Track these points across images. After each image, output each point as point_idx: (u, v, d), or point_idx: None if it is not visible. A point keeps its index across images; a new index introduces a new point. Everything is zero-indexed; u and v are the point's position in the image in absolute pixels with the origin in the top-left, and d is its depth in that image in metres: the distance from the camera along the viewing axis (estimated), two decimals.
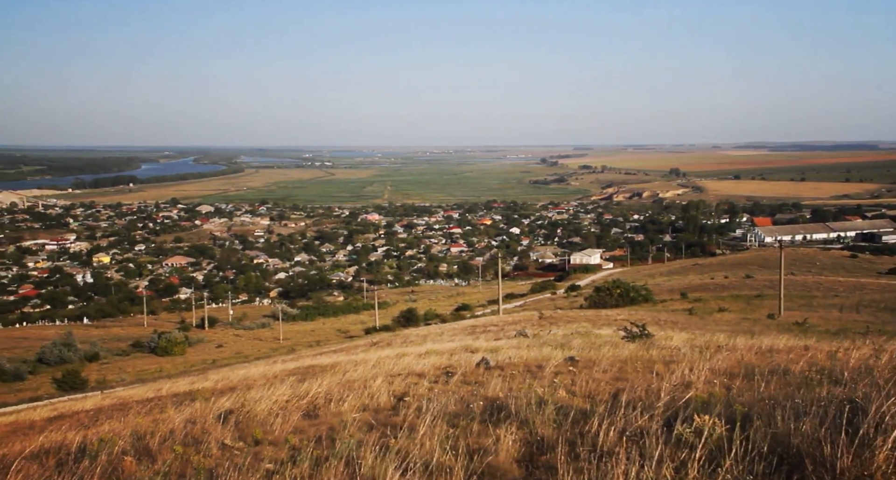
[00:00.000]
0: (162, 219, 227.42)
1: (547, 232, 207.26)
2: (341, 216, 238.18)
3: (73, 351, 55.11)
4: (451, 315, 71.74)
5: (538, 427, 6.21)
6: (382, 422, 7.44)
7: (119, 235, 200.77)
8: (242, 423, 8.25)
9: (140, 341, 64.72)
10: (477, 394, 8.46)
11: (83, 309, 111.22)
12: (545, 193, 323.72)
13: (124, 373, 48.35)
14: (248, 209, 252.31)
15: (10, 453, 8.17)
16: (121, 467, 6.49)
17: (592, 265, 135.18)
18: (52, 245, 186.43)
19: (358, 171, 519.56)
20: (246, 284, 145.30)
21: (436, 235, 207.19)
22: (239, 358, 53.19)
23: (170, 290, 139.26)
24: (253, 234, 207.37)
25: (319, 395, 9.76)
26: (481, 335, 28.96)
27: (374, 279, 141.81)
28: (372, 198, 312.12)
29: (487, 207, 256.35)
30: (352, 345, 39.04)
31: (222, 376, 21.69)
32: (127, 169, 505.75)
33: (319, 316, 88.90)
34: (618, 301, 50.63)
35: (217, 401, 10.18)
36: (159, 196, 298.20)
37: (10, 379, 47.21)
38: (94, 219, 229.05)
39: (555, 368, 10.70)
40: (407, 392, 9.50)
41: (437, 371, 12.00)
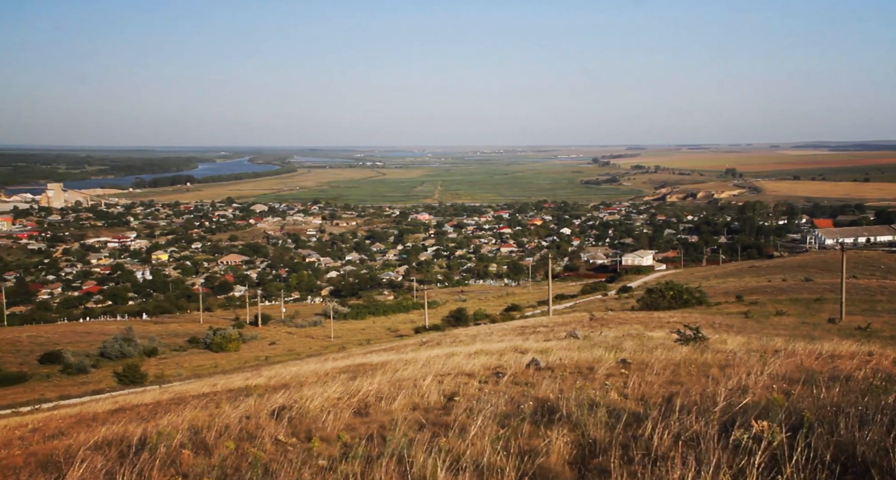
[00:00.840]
0: (218, 218, 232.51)
1: (598, 232, 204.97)
2: (392, 216, 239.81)
3: (132, 346, 56.70)
4: (500, 315, 71.51)
5: (590, 429, 6.14)
6: (433, 421, 7.46)
7: (177, 233, 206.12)
8: (295, 419, 8.37)
9: (196, 337, 66.21)
10: (527, 395, 8.41)
11: (143, 306, 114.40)
12: (597, 193, 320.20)
13: (181, 368, 49.54)
14: (300, 208, 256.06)
15: (76, 443, 8.45)
16: (179, 460, 6.66)
17: (644, 266, 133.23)
18: (113, 242, 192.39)
19: (408, 171, 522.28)
20: (298, 282, 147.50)
21: (486, 235, 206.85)
22: (291, 356, 54.02)
23: (225, 288, 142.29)
24: (305, 233, 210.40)
25: (370, 393, 9.83)
26: (531, 336, 28.78)
27: (423, 278, 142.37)
28: (422, 197, 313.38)
29: (538, 207, 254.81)
30: (401, 344, 39.26)
31: (275, 373, 22.03)
32: (185, 169, 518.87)
33: (370, 315, 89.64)
34: (670, 303, 49.72)
35: (270, 398, 10.35)
36: (215, 195, 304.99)
37: (74, 372, 48.85)
38: (153, 217, 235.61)
39: (606, 370, 10.57)
40: (457, 391, 9.50)
41: (487, 371, 11.97)
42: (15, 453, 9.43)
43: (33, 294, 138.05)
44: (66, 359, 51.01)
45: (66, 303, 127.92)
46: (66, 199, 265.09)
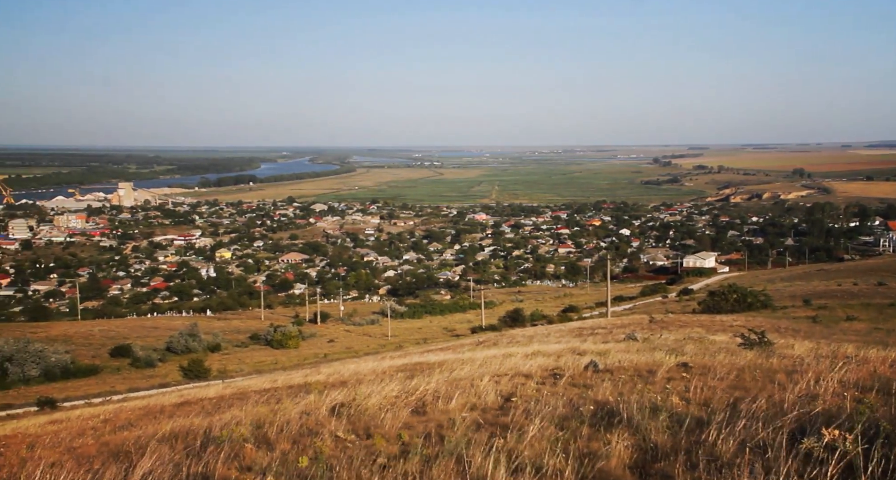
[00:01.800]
0: (279, 217, 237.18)
1: (658, 233, 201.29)
2: (449, 215, 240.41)
3: (197, 342, 58.23)
4: (557, 316, 70.86)
5: (651, 433, 6.02)
6: (490, 422, 7.44)
7: (239, 232, 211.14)
8: (354, 417, 8.47)
9: (257, 334, 67.57)
10: (586, 398, 8.31)
11: (207, 302, 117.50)
12: (657, 194, 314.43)
13: (243, 364, 50.64)
14: (359, 208, 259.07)
15: (145, 435, 8.74)
16: (242, 453, 6.81)
17: (706, 268, 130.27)
18: (179, 240, 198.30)
19: (466, 171, 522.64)
20: (356, 281, 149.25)
21: (543, 235, 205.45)
22: (349, 353, 54.64)
23: (285, 285, 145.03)
24: (364, 232, 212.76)
25: (427, 392, 9.87)
26: (589, 337, 28.44)
27: (480, 278, 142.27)
28: (479, 197, 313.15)
29: (597, 208, 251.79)
30: (458, 344, 39.30)
31: (334, 370, 22.33)
32: (248, 168, 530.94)
33: (426, 314, 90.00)
34: (734, 306, 48.43)
35: (329, 395, 10.49)
36: (277, 194, 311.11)
37: (142, 366, 50.47)
38: (217, 216, 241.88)
39: (667, 374, 10.36)
40: (514, 392, 9.46)
41: (545, 372, 11.88)
42: (89, 442, 9.82)
43: (105, 289, 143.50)
44: (134, 353, 52.68)
45: (135, 299, 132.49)
46: (136, 198, 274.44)
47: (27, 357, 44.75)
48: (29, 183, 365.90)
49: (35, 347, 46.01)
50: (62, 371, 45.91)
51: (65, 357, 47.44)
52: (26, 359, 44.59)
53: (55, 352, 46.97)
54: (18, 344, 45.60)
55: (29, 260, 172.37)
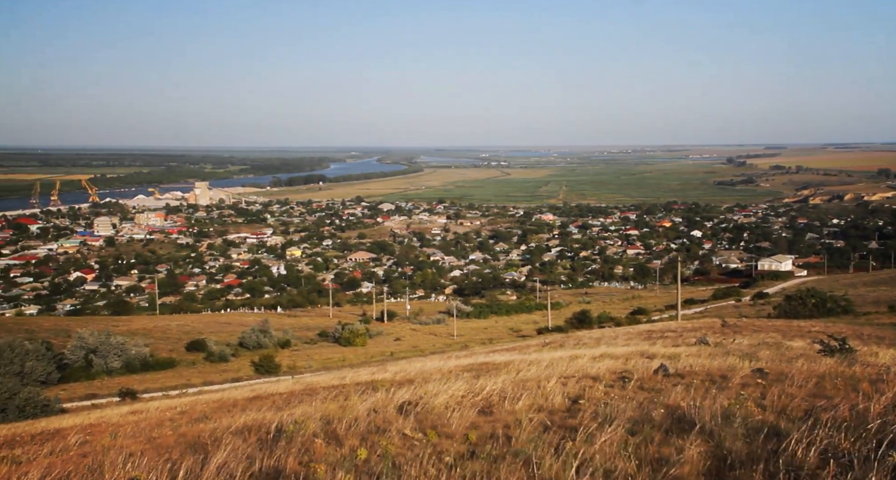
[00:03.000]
0: (347, 216, 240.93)
1: (732, 235, 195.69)
2: (516, 215, 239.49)
3: (268, 338, 59.70)
4: (625, 318, 69.76)
5: (726, 440, 5.85)
6: (558, 424, 7.37)
7: (309, 231, 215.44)
8: (421, 415, 8.51)
9: (326, 331, 68.80)
10: (656, 402, 8.14)
11: (277, 299, 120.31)
12: (731, 195, 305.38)
13: (312, 360, 51.60)
14: (426, 207, 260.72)
15: (219, 427, 9.01)
16: (312, 449, 6.94)
17: (783, 272, 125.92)
18: (252, 238, 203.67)
19: (533, 171, 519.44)
20: (423, 280, 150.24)
21: (611, 236, 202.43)
22: (415, 352, 55.03)
23: (353, 284, 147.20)
24: (430, 232, 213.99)
25: (494, 393, 9.85)
26: (658, 340, 27.85)
27: (547, 279, 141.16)
28: (546, 197, 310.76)
29: (667, 209, 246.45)
30: (524, 344, 39.10)
31: (400, 368, 22.51)
32: (318, 168, 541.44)
33: (492, 315, 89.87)
34: (812, 311, 46.66)
35: (396, 393, 10.58)
36: (345, 194, 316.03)
37: (216, 360, 52.08)
38: (287, 215, 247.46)
39: (741, 379, 10.06)
40: (581, 394, 9.35)
41: (613, 375, 11.70)
42: (167, 433, 10.19)
43: (181, 285, 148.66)
44: (209, 348, 54.39)
45: (210, 295, 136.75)
46: (211, 197, 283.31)
47: (110, 349, 46.78)
48: (113, 182, 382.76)
49: (117, 340, 48.03)
50: (141, 363, 47.79)
51: (144, 350, 49.37)
52: (109, 351, 46.61)
53: (135, 345, 48.94)
54: (102, 336, 47.70)
55: (112, 256, 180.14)
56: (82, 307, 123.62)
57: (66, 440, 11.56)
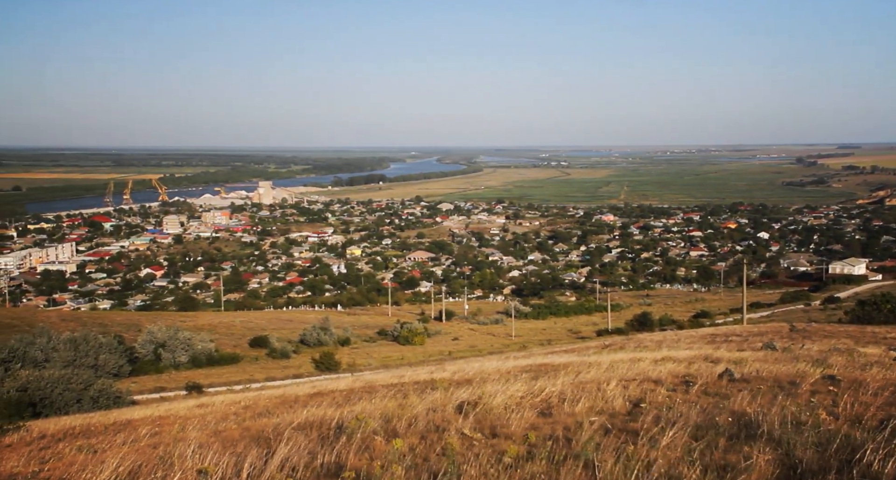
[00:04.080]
0: (406, 216, 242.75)
1: (801, 238, 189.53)
2: (575, 216, 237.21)
3: (328, 335, 60.62)
4: (688, 321, 68.35)
5: (796, 448, 5.67)
6: (619, 427, 7.27)
7: (369, 230, 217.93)
8: (480, 415, 8.52)
9: (385, 329, 69.45)
10: (721, 407, 7.95)
11: (337, 297, 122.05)
12: (800, 196, 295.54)
13: (371, 358, 52.17)
14: (485, 207, 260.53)
15: (282, 422, 9.20)
16: (372, 446, 7.02)
17: (856, 276, 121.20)
18: (313, 237, 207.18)
19: (594, 171, 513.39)
20: (481, 280, 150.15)
21: (674, 238, 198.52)
22: (473, 352, 55.04)
23: (411, 283, 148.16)
24: (489, 232, 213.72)
25: (553, 394, 9.78)
26: (722, 344, 27.15)
27: (607, 280, 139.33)
28: (607, 198, 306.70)
29: (732, 210, 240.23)
30: (583, 346, 38.67)
31: (458, 368, 22.54)
32: (378, 168, 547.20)
33: (551, 315, 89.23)
34: (888, 317, 44.67)
35: (455, 392, 10.61)
36: (405, 193, 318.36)
37: (278, 356, 53.17)
38: (348, 214, 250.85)
39: (811, 386, 9.73)
40: (643, 398, 9.20)
41: (675, 379, 11.48)
42: (232, 426, 10.46)
43: (245, 283, 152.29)
44: (271, 344, 55.56)
45: (272, 293, 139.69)
46: (274, 196, 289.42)
47: (177, 344, 48.26)
48: (181, 181, 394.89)
49: (184, 335, 49.51)
50: (207, 358, 49.15)
51: (210, 345, 50.76)
52: (177, 346, 48.09)
53: (201, 341, 50.34)
54: (170, 331, 49.26)
55: (180, 253, 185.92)
56: (152, 302, 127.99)
57: (137, 431, 11.99)
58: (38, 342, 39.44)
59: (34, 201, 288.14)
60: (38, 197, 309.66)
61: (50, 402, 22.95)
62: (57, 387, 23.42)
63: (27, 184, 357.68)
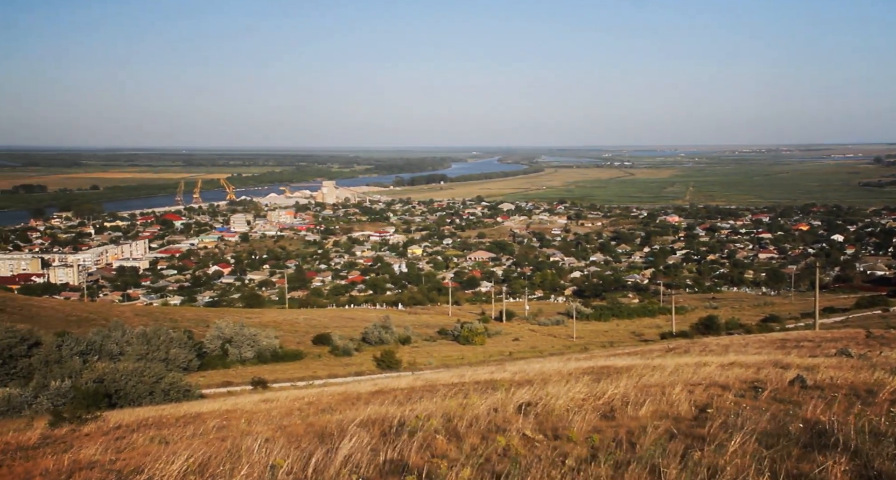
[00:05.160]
0: (467, 216, 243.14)
1: (878, 240, 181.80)
2: (639, 217, 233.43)
3: (389, 334, 61.17)
4: (756, 325, 66.42)
5: (875, 460, 5.45)
6: (684, 432, 7.13)
7: (430, 229, 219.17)
8: (541, 416, 8.47)
9: (445, 329, 69.66)
10: (793, 415, 7.70)
11: (398, 296, 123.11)
12: (878, 197, 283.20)
13: (431, 357, 52.39)
14: (546, 207, 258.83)
15: (345, 419, 9.34)
16: (433, 444, 7.06)
17: None
18: (375, 236, 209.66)
19: (658, 171, 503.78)
20: (542, 281, 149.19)
21: (742, 240, 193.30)
22: (533, 353, 54.72)
23: (472, 283, 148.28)
24: (550, 232, 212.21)
25: (616, 397, 9.65)
26: (793, 350, 26.27)
27: (671, 282, 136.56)
28: (672, 199, 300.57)
29: (804, 211, 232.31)
30: (646, 349, 38.01)
31: (519, 368, 22.45)
32: (439, 168, 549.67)
33: (613, 317, 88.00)
34: None
35: (516, 393, 10.56)
36: (466, 193, 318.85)
37: (340, 354, 53.93)
38: (409, 213, 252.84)
39: (891, 395, 9.32)
40: (709, 403, 8.99)
41: (743, 384, 11.17)
42: (296, 422, 10.67)
43: (308, 281, 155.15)
44: (334, 342, 56.39)
45: (335, 291, 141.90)
46: (338, 196, 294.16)
47: (243, 340, 49.48)
48: (248, 181, 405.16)
49: (250, 331, 50.72)
50: (272, 354, 50.23)
51: (274, 342, 51.86)
52: (243, 342, 49.32)
53: (266, 337, 51.47)
54: (236, 327, 50.54)
55: (246, 251, 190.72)
56: (219, 299, 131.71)
57: (205, 424, 12.36)
58: (113, 335, 41.09)
59: (110, 200, 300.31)
60: (114, 196, 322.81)
61: (124, 394, 23.86)
62: (131, 380, 24.32)
63: (104, 183, 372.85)
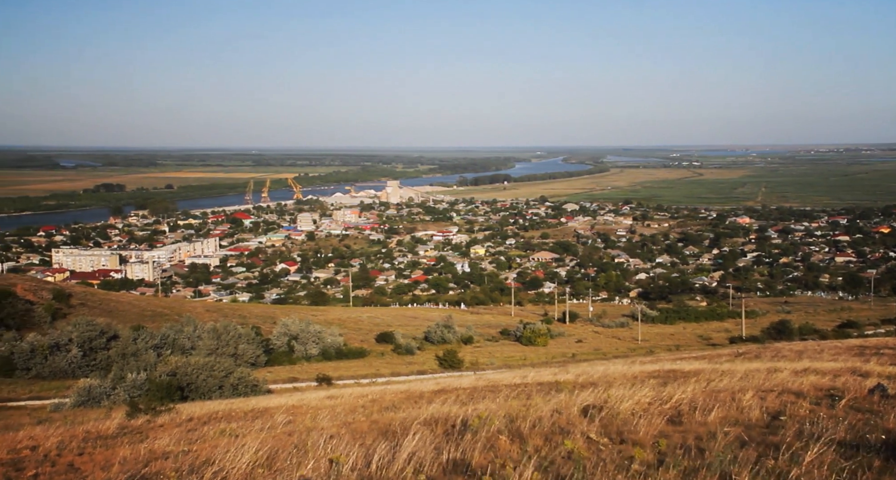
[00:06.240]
0: (531, 216, 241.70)
1: None
2: (707, 218, 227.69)
3: (452, 333, 61.36)
4: (832, 331, 64.01)
5: None
6: (756, 440, 6.92)
7: (493, 229, 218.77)
8: (606, 419, 8.35)
9: (507, 329, 69.44)
10: (873, 425, 7.39)
11: (461, 296, 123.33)
12: None
13: (493, 358, 52.34)
14: (611, 208, 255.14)
15: (408, 417, 9.41)
16: (496, 445, 7.04)
17: None
18: (438, 236, 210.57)
19: (728, 172, 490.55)
20: (606, 282, 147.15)
21: (817, 242, 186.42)
22: (597, 355, 54.06)
23: (535, 283, 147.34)
24: (615, 233, 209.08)
25: (683, 401, 9.45)
26: (872, 357, 25.17)
27: (741, 286, 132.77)
28: (743, 200, 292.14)
29: (886, 213, 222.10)
30: (714, 353, 37.07)
31: (582, 370, 22.20)
32: (503, 168, 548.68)
33: (680, 320, 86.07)
34: None
35: (580, 395, 10.45)
36: (529, 193, 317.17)
37: (403, 353, 54.40)
38: (472, 213, 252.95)
39: None
40: (782, 410, 8.71)
41: (819, 392, 10.77)
42: (360, 419, 10.82)
43: (372, 279, 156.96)
44: (397, 340, 56.93)
45: (398, 290, 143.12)
46: (401, 195, 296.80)
47: (309, 337, 50.45)
48: (314, 180, 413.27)
49: (315, 329, 51.67)
50: (336, 351, 51.05)
51: (339, 339, 52.69)
52: (308, 339, 50.28)
53: (331, 334, 52.36)
54: (302, 324, 51.56)
55: (312, 250, 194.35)
56: (286, 296, 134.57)
57: (273, 418, 12.64)
58: (185, 330, 42.50)
59: (184, 198, 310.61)
60: (187, 194, 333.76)
61: (195, 387, 24.64)
62: (202, 373, 25.10)
63: (178, 182, 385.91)
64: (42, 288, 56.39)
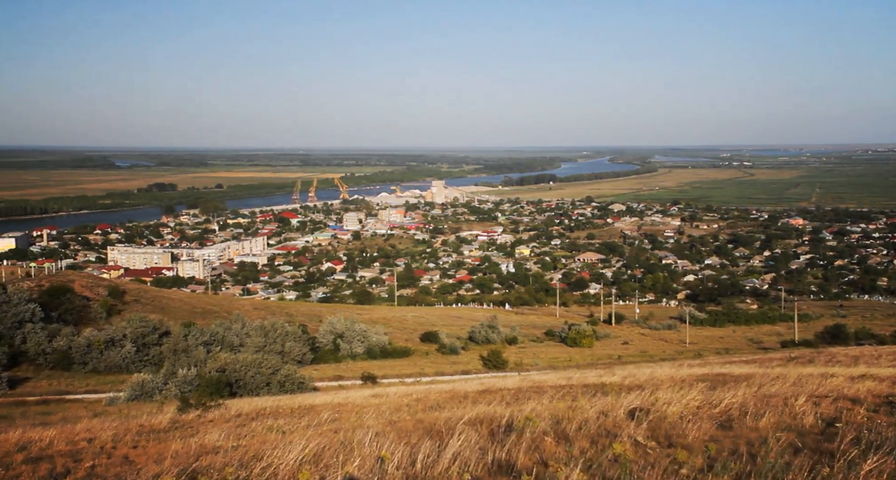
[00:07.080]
0: (576, 216, 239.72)
1: None
2: (759, 219, 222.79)
3: (496, 334, 61.19)
4: (890, 336, 61.97)
5: None
6: (810, 447, 6.74)
7: (538, 230, 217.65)
8: (653, 423, 8.23)
9: (552, 330, 68.98)
10: None
11: (505, 296, 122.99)
12: None
13: (538, 358, 52.05)
14: (658, 209, 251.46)
15: (453, 417, 9.42)
16: (542, 446, 7.00)
17: None
18: (483, 236, 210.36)
19: (780, 172, 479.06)
20: (653, 284, 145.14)
21: (875, 244, 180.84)
22: (644, 357, 53.33)
23: (580, 284, 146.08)
24: (662, 234, 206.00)
25: (733, 406, 9.27)
26: None
27: (793, 288, 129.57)
28: (796, 200, 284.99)
29: None
30: (765, 357, 36.24)
31: (628, 373, 21.94)
32: (549, 168, 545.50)
33: (729, 323, 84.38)
34: None
35: (626, 397, 10.33)
36: (575, 193, 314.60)
37: (447, 352, 54.46)
38: (517, 213, 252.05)
39: None
40: (838, 417, 8.46)
41: (877, 399, 10.44)
42: (405, 418, 10.87)
43: (417, 279, 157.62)
44: (441, 340, 57.01)
45: (443, 289, 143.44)
46: (446, 195, 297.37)
47: (354, 335, 50.87)
48: (360, 180, 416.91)
49: (360, 327, 52.07)
50: (381, 350, 51.37)
51: (384, 338, 53.00)
52: (353, 337, 50.71)
53: (376, 333, 52.70)
54: (348, 323, 52.02)
55: (357, 249, 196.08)
56: (332, 295, 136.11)
57: (319, 416, 12.79)
58: (234, 327, 43.28)
59: (233, 198, 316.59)
60: (236, 194, 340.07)
61: (243, 384, 25.08)
62: (250, 370, 25.54)
63: (228, 182, 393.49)
64: (98, 284, 57.99)
